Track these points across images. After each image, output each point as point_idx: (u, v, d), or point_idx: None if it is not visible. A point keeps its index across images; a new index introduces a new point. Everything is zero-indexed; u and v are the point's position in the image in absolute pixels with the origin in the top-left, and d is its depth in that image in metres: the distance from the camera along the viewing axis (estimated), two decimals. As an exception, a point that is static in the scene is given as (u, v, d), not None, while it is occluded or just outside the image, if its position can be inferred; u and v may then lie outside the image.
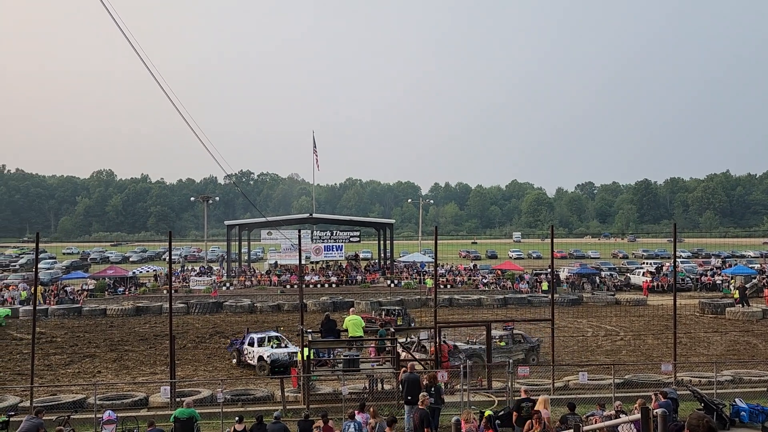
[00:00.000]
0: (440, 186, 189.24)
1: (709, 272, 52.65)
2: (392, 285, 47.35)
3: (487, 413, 13.42)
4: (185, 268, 58.09)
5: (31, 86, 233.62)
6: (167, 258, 29.96)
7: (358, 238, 55.56)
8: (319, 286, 47.11)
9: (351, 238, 54.56)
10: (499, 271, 52.44)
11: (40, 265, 43.43)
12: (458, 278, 49.53)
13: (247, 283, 48.11)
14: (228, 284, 47.43)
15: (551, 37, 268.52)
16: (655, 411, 6.02)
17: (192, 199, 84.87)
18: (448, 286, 46.64)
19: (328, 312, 30.52)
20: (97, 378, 21.77)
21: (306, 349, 17.72)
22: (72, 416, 14.81)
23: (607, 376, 19.14)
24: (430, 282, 44.07)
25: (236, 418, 13.40)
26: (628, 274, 53.40)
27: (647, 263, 60.39)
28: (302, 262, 27.26)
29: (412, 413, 13.47)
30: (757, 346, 26.73)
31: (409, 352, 19.18)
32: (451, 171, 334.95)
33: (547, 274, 45.72)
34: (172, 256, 21.07)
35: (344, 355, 18.21)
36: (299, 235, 24.88)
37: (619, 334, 29.52)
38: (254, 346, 23.21)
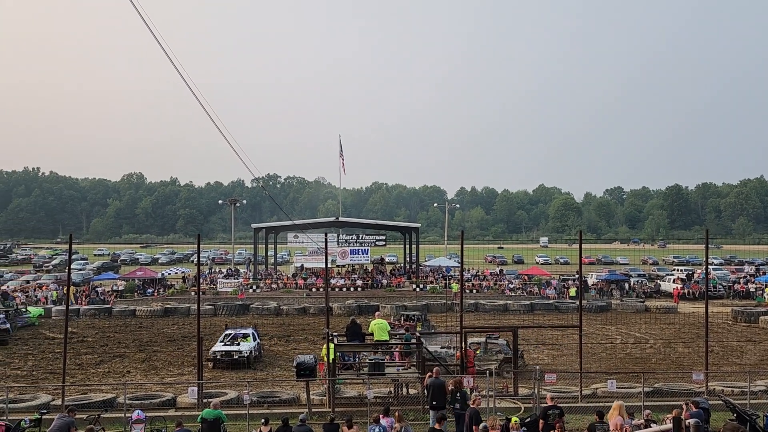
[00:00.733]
0: (466, 190, 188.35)
1: (742, 280, 51.56)
2: (417, 289, 47.30)
3: (514, 420, 13.29)
4: (213, 270, 58.82)
5: (66, 97, 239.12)
6: (195, 260, 30.34)
7: (384, 242, 55.56)
8: (345, 289, 47.25)
9: (377, 242, 54.60)
10: (526, 277, 52.07)
11: (72, 266, 44.27)
12: (484, 283, 49.25)
13: (274, 286, 48.52)
14: (255, 287, 47.87)
15: (579, 37, 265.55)
16: (688, 421, 5.91)
17: (220, 202, 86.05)
18: (474, 291, 46.40)
19: (354, 316, 30.60)
20: (126, 378, 22.12)
21: (324, 349, 17.78)
22: (102, 415, 15.03)
23: (637, 384, 18.82)
24: (455, 286, 43.90)
25: (262, 420, 13.51)
26: (658, 281, 52.41)
27: (678, 270, 59.33)
28: (328, 265, 27.36)
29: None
30: (793, 356, 26.06)
31: (435, 359, 19.08)
32: (477, 175, 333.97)
33: (575, 280, 45.24)
34: (200, 259, 21.33)
35: (369, 359, 18.22)
36: (326, 239, 24.95)
37: (649, 342, 29.03)
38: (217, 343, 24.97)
